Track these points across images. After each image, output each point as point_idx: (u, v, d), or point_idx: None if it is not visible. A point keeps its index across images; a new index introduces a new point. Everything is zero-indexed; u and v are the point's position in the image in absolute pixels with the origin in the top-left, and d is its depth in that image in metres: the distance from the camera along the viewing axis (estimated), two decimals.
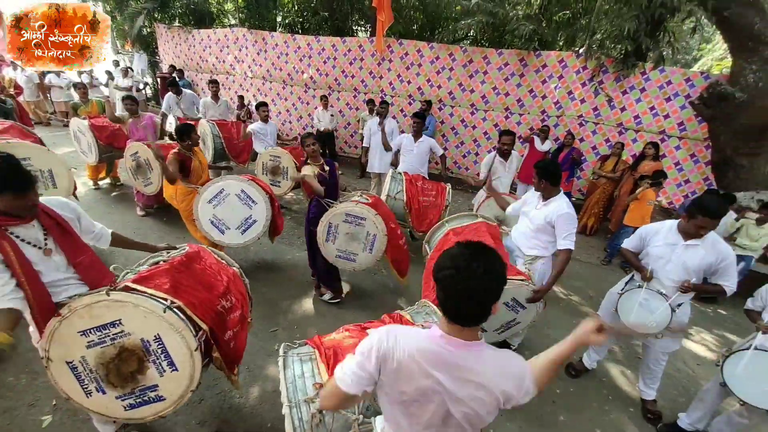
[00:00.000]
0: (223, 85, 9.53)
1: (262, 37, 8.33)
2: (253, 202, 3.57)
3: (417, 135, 4.75)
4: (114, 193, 5.69)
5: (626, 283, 2.68)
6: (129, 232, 4.26)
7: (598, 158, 5.97)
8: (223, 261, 2.40)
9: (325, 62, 7.82)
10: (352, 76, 7.72)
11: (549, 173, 2.68)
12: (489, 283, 0.99)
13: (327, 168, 3.35)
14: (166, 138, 5.18)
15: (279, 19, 10.40)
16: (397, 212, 4.16)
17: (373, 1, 6.65)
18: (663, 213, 5.75)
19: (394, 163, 5.42)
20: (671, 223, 2.48)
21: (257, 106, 5.47)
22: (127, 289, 1.72)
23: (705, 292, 2.44)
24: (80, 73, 9.26)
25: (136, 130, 4.69)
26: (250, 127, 5.37)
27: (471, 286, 0.98)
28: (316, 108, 7.50)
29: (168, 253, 2.21)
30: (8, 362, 2.63)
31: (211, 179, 3.63)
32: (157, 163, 3.79)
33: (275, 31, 9.12)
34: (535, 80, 6.44)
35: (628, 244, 2.69)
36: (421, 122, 4.73)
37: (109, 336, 1.69)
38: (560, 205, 2.66)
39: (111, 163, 5.61)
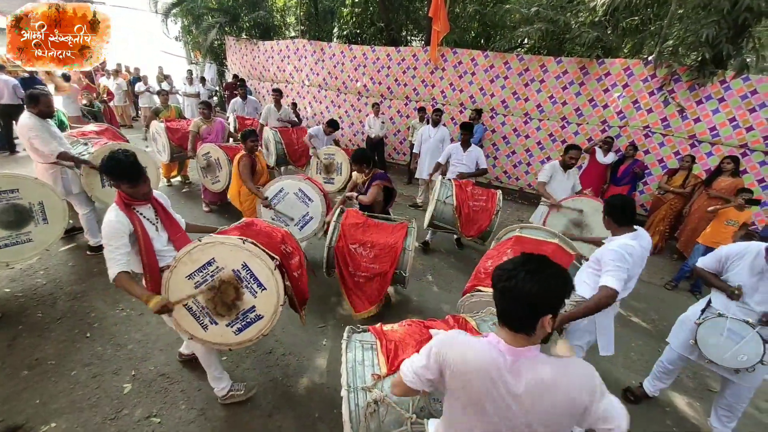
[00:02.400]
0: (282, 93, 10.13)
1: (321, 48, 8.76)
2: (309, 200, 3.85)
3: (465, 145, 4.81)
4: (183, 190, 6.26)
5: (702, 311, 2.40)
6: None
7: (665, 172, 5.54)
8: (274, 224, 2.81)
9: (378, 71, 8.04)
10: (405, 85, 7.86)
11: (616, 209, 2.27)
12: (553, 292, 1.00)
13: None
14: (231, 141, 5.64)
15: (336, 30, 10.88)
16: (446, 217, 4.18)
17: (429, 11, 6.75)
18: (744, 236, 5.17)
19: (434, 170, 5.46)
20: (758, 247, 2.22)
21: (328, 124, 5.76)
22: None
23: None
24: (160, 81, 10.33)
25: (209, 133, 5.16)
26: (310, 131, 5.66)
27: (533, 294, 0.99)
28: (367, 115, 7.72)
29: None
30: (98, 333, 3.00)
31: (270, 180, 3.94)
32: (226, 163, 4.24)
33: (333, 41, 9.55)
34: (597, 89, 6.15)
35: (703, 263, 2.45)
36: (468, 134, 4.79)
37: (208, 273, 2.08)
38: (622, 241, 2.20)
39: (182, 162, 6.20)
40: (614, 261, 2.10)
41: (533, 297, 1.00)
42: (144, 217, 2.14)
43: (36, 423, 2.26)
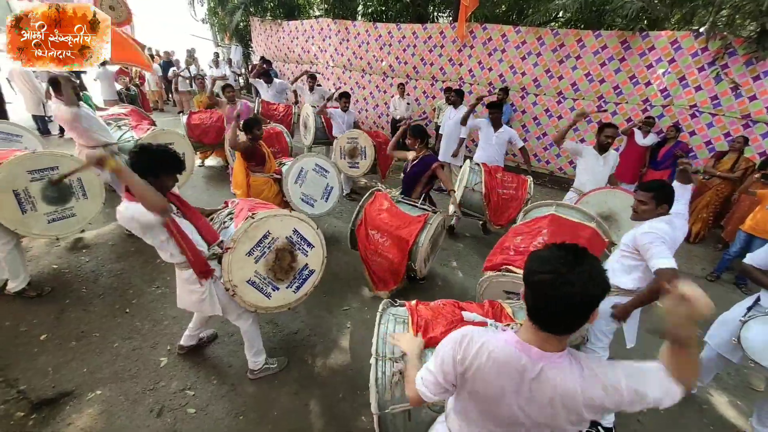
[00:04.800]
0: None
1: (345, 27, 8.58)
2: (326, 171, 4.12)
3: (496, 125, 4.55)
4: (220, 175, 6.41)
5: (749, 309, 2.24)
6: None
7: (712, 155, 5.14)
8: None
9: (404, 50, 7.81)
10: (431, 64, 7.61)
11: (668, 195, 2.13)
12: (594, 290, 0.90)
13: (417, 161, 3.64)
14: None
15: (361, 8, 10.60)
16: (474, 204, 4.08)
17: None
18: None
19: (455, 154, 5.31)
20: None
21: (340, 96, 5.70)
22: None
23: None
24: (189, 65, 10.49)
25: (233, 114, 5.23)
26: (330, 111, 5.63)
27: (573, 293, 0.89)
28: (392, 96, 7.56)
29: (227, 209, 2.67)
30: (137, 309, 3.18)
31: (279, 168, 3.98)
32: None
33: (357, 20, 9.33)
34: (639, 65, 5.71)
35: (752, 259, 2.26)
36: (498, 112, 4.53)
37: (266, 246, 2.31)
38: (653, 224, 2.08)
39: (213, 147, 6.37)
40: (652, 243, 1.97)
41: (593, 300, 0.91)
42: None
43: (84, 390, 2.44)
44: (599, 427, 2.34)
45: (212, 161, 6.72)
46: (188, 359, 2.72)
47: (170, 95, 11.40)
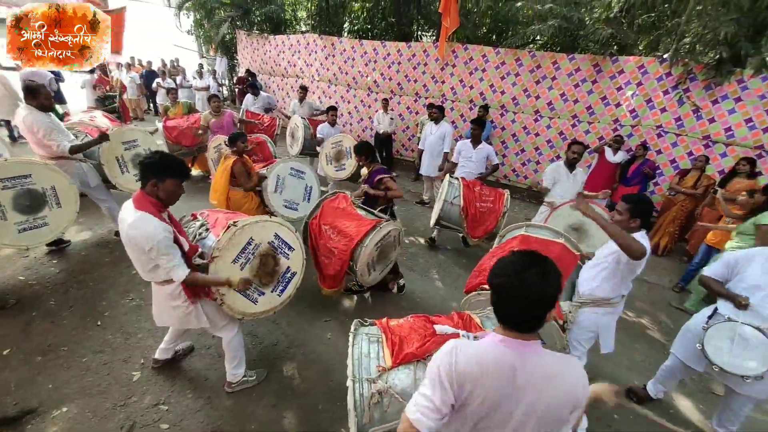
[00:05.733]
0: (291, 87, 10.17)
1: (331, 43, 8.75)
2: (302, 172, 4.18)
3: (476, 142, 4.74)
4: (201, 186, 6.32)
5: (709, 317, 2.35)
6: None
7: (676, 173, 5.44)
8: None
9: (389, 67, 8.01)
10: (415, 81, 7.82)
11: (644, 212, 2.24)
12: (545, 289, 1.00)
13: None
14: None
15: (347, 25, 10.84)
16: (453, 218, 4.17)
17: (440, 6, 6.69)
18: None
19: (441, 168, 5.46)
20: (767, 250, 2.22)
21: (327, 110, 5.79)
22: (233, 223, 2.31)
23: None
24: (170, 75, 10.41)
25: (220, 127, 5.23)
26: (319, 131, 5.70)
27: (526, 294, 1.00)
28: (377, 111, 7.71)
29: (197, 220, 2.72)
30: (109, 322, 3.08)
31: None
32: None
33: (343, 36, 9.53)
34: (609, 87, 6.05)
35: (710, 271, 2.42)
36: (479, 129, 4.72)
37: (250, 252, 2.35)
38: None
39: (194, 157, 6.29)
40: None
41: (547, 299, 1.00)
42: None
43: (49, 407, 2.34)
44: None
45: (193, 172, 6.62)
46: (163, 373, 2.65)
47: (150, 104, 11.26)
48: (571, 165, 3.90)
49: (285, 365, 2.84)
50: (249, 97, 7.15)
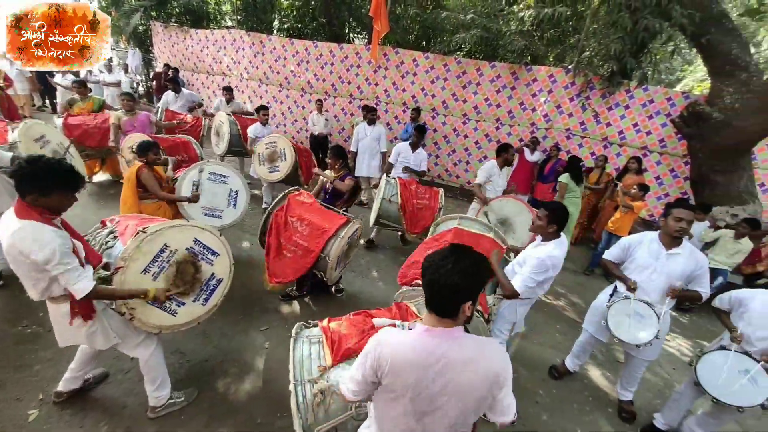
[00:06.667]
0: (218, 85, 9.55)
1: (260, 40, 8.40)
2: (224, 177, 3.79)
3: (415, 147, 4.95)
4: (111, 192, 5.61)
5: (611, 296, 2.70)
6: None
7: (583, 171, 6.17)
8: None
9: (322, 67, 7.92)
10: (349, 82, 7.84)
11: (560, 219, 2.45)
12: (452, 278, 1.09)
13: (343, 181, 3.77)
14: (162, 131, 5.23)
15: (276, 23, 10.49)
16: (391, 215, 4.27)
17: (370, 10, 6.80)
18: (644, 225, 5.96)
19: (387, 170, 5.55)
20: (652, 235, 2.59)
21: (257, 109, 5.54)
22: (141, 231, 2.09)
23: (685, 298, 2.53)
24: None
25: (132, 126, 4.71)
26: (249, 132, 5.43)
27: (437, 278, 1.10)
28: (311, 112, 7.57)
29: (105, 228, 2.45)
30: None
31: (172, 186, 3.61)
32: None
33: (273, 35, 9.19)
34: (526, 93, 6.65)
35: (609, 255, 2.77)
36: (420, 136, 4.98)
37: (164, 260, 2.12)
38: (549, 250, 2.42)
39: (103, 159, 5.60)
40: (534, 269, 2.37)
41: (455, 287, 1.09)
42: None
43: None
44: None
45: (101, 176, 5.87)
46: (69, 407, 2.31)
47: (46, 100, 9.79)
48: (505, 164, 4.32)
49: (218, 381, 2.66)
50: (169, 94, 6.47)
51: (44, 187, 1.70)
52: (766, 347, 2.25)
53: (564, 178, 5.16)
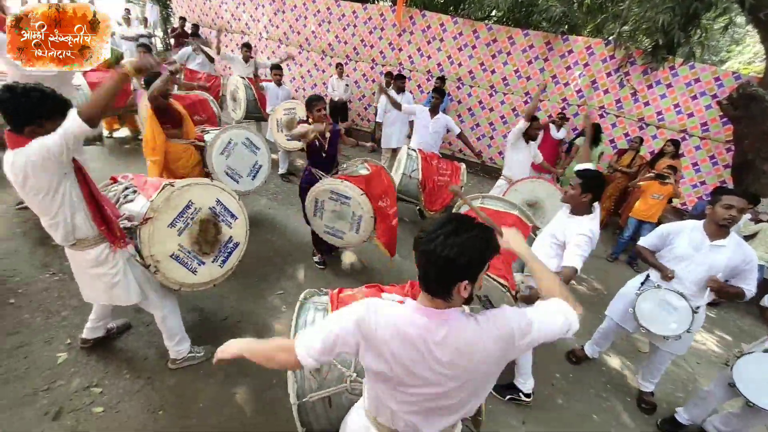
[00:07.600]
0: (237, 44, 9.26)
1: None
2: (257, 148, 3.86)
3: (434, 111, 4.58)
4: (127, 146, 5.63)
5: (642, 283, 2.58)
6: None
7: (615, 152, 5.88)
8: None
9: (344, 29, 7.56)
10: (371, 46, 7.49)
11: (595, 186, 2.27)
12: (446, 251, 0.92)
13: (327, 136, 3.22)
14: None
15: None
16: (411, 191, 4.14)
17: None
18: (676, 214, 5.71)
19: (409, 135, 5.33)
20: (695, 223, 2.41)
21: (271, 68, 5.35)
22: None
23: (726, 293, 2.33)
24: None
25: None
26: (264, 84, 5.27)
27: (429, 249, 0.94)
28: (331, 76, 7.32)
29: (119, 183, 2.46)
30: (24, 299, 2.68)
31: (201, 134, 3.63)
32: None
33: None
34: (560, 66, 6.25)
35: (645, 242, 2.61)
36: (440, 99, 4.62)
37: (189, 217, 2.18)
38: (591, 225, 2.26)
39: (120, 116, 5.56)
40: (582, 246, 2.17)
41: (448, 261, 0.92)
42: None
43: None
44: (520, 393, 2.57)
45: (122, 132, 5.87)
46: (94, 353, 2.39)
47: None
48: (529, 138, 4.01)
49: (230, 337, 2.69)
50: (187, 50, 6.28)
51: (45, 114, 1.63)
52: None
53: (580, 140, 5.03)
